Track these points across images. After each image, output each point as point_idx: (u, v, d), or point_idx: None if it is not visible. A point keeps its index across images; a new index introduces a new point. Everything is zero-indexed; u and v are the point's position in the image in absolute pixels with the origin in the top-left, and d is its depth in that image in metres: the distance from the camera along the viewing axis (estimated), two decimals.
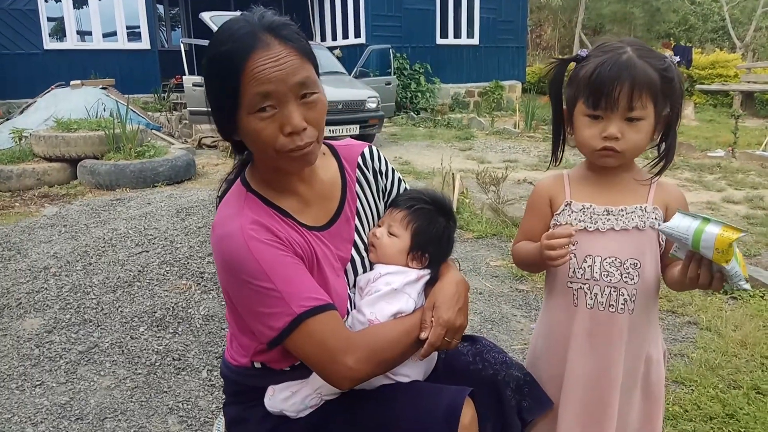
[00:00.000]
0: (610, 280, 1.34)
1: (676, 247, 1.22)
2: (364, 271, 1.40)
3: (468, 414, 1.23)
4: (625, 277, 1.34)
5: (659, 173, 1.36)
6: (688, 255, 1.20)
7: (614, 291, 1.34)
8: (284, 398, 1.32)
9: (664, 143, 1.35)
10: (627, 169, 1.38)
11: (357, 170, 1.44)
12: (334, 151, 1.44)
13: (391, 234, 1.39)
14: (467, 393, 1.26)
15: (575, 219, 1.37)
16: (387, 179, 1.48)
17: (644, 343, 1.39)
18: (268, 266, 1.17)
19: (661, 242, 1.35)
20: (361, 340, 1.22)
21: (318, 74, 1.22)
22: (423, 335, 1.27)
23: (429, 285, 1.38)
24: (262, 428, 1.35)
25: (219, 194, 1.37)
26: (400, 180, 1.52)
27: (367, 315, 1.30)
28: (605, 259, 1.34)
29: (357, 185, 1.43)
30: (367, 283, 1.36)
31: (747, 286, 1.16)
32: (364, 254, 1.40)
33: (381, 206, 1.48)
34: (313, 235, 1.30)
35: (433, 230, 1.40)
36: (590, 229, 1.35)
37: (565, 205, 1.38)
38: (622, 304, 1.34)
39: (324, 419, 1.30)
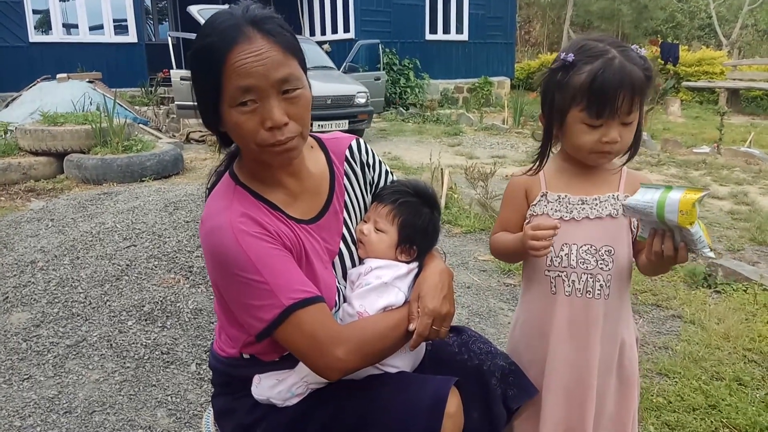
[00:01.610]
0: (587, 267, 1.39)
1: (642, 228, 1.26)
2: (353, 264, 1.41)
3: (453, 403, 1.25)
4: (600, 263, 1.38)
5: (627, 161, 1.42)
6: (651, 233, 1.24)
7: (590, 277, 1.39)
8: (270, 386, 1.33)
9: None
10: None
11: (345, 163, 1.45)
12: (321, 144, 1.45)
13: (378, 230, 1.40)
14: (453, 382, 1.28)
15: (551, 209, 1.41)
16: (374, 172, 1.50)
17: (618, 327, 1.43)
18: (258, 259, 1.18)
19: (633, 229, 1.40)
20: (351, 332, 1.23)
21: (305, 68, 1.23)
22: (411, 327, 1.28)
23: (415, 276, 1.40)
24: (250, 418, 1.37)
25: (208, 186, 1.37)
26: (387, 172, 1.53)
27: (356, 307, 1.31)
28: (581, 246, 1.39)
29: (345, 178, 1.44)
30: (358, 277, 1.38)
31: (712, 254, 1.18)
32: (353, 247, 1.41)
33: (369, 199, 1.49)
34: (301, 227, 1.31)
35: (419, 222, 1.41)
36: (566, 218, 1.40)
37: (541, 196, 1.43)
38: (598, 290, 1.39)
39: (311, 408, 1.32)
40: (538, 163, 1.45)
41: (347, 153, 1.46)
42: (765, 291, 3.30)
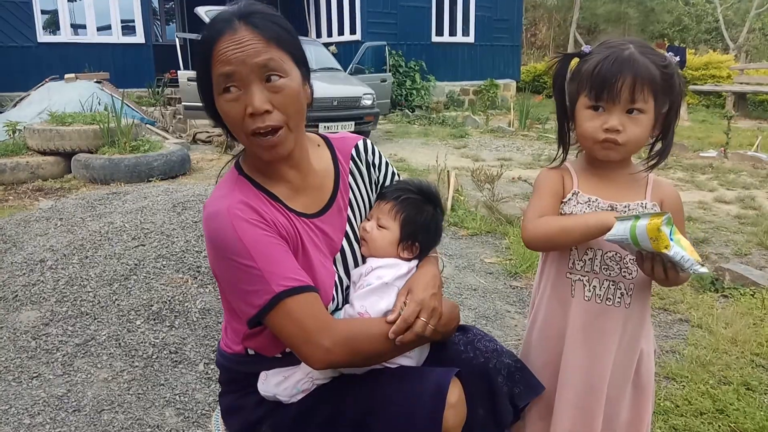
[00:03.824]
0: (609, 273, 1.37)
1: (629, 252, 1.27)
2: (355, 261, 1.42)
3: (455, 393, 1.26)
4: (624, 271, 1.37)
5: (652, 168, 1.39)
6: (637, 256, 1.25)
7: (612, 284, 1.37)
8: (277, 383, 1.35)
9: (661, 142, 1.37)
10: (624, 164, 1.40)
11: (350, 162, 1.47)
12: (328, 142, 1.48)
13: (380, 227, 1.41)
14: (454, 373, 1.29)
15: (581, 210, 1.38)
16: (380, 172, 1.51)
17: (639, 337, 1.41)
18: (252, 245, 1.21)
19: None
20: (341, 326, 1.26)
21: (300, 63, 1.25)
22: (391, 317, 1.27)
23: None
24: (256, 414, 1.39)
25: (219, 177, 1.42)
26: (393, 173, 1.54)
27: (357, 308, 1.32)
28: (606, 252, 1.37)
29: (350, 177, 1.46)
30: (360, 277, 1.39)
31: (704, 269, 1.17)
32: (355, 245, 1.43)
33: (374, 199, 1.50)
34: (300, 220, 1.33)
35: (421, 219, 1.42)
36: None
37: (572, 195, 1.39)
38: (618, 297, 1.38)
39: (316, 403, 1.34)
40: (561, 151, 1.44)
41: (353, 152, 1.48)
42: None
